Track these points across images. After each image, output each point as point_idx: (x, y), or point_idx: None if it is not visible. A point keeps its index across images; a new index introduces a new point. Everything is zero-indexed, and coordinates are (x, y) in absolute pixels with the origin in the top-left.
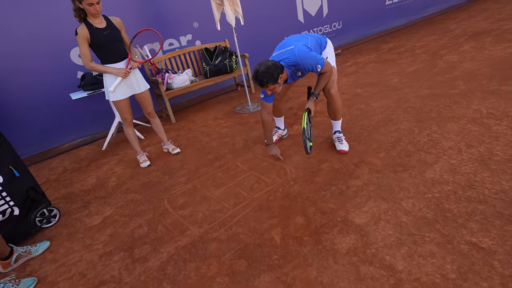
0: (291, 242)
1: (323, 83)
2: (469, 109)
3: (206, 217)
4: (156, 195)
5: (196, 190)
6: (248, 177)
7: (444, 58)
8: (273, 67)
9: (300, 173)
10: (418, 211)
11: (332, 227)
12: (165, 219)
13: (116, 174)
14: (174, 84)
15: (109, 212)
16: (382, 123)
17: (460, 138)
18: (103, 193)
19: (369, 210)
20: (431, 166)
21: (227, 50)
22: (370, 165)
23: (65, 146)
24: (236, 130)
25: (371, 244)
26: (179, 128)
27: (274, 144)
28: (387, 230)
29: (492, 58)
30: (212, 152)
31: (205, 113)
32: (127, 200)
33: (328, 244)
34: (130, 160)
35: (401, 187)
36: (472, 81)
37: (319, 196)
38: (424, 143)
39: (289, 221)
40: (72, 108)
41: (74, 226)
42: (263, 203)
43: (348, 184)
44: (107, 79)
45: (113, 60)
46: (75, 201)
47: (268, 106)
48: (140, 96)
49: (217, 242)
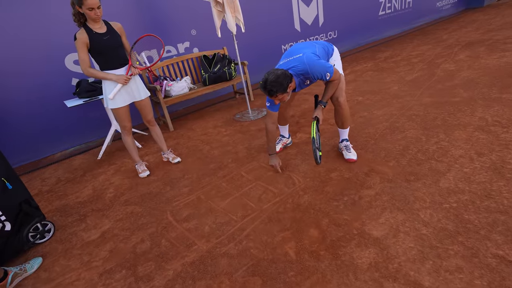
0: (307, 257)
1: (331, 91)
2: (474, 116)
3: (213, 230)
4: (158, 207)
5: (200, 201)
6: (254, 187)
7: (441, 66)
8: (282, 76)
9: (309, 182)
10: (438, 222)
11: (349, 240)
12: (169, 233)
13: (114, 184)
14: (173, 92)
15: (107, 225)
16: (388, 131)
17: (469, 146)
18: (100, 205)
19: (386, 221)
20: (444, 175)
21: (226, 58)
22: (381, 174)
23: (58, 155)
24: (238, 138)
25: (392, 259)
26: (178, 136)
27: (276, 155)
28: (408, 243)
29: (489, 67)
30: (214, 161)
31: (204, 121)
32: (126, 213)
33: (347, 259)
34: (127, 170)
35: (416, 197)
36: (472, 89)
37: (331, 207)
38: (433, 151)
39: (302, 234)
40: (65, 115)
41: (70, 241)
42: (272, 215)
43: (361, 194)
44: (106, 86)
45: (113, 66)
46: (70, 214)
47: (273, 115)
48: (140, 104)
49: (227, 257)
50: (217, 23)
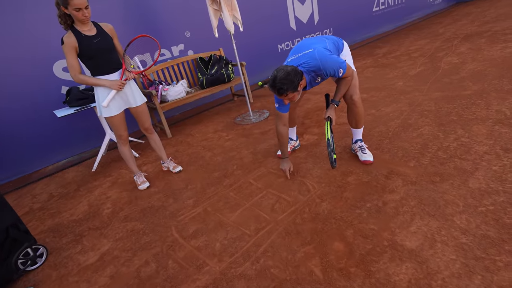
0: (336, 276)
1: (345, 88)
2: (490, 110)
3: (225, 247)
4: (161, 223)
5: (207, 214)
6: (265, 196)
7: (444, 60)
8: (293, 73)
9: (325, 188)
10: (477, 229)
11: (380, 253)
12: (176, 253)
13: (111, 199)
14: (169, 96)
15: (106, 246)
16: (401, 128)
17: (492, 141)
18: (98, 223)
19: (418, 230)
20: (472, 174)
21: (223, 59)
22: (402, 176)
23: (49, 169)
24: (241, 143)
25: (434, 274)
26: (177, 143)
27: (288, 159)
28: (449, 255)
29: (494, 58)
30: (219, 169)
31: (204, 126)
32: (127, 231)
33: (382, 276)
34: (125, 182)
35: (446, 201)
36: (481, 82)
37: (354, 215)
38: (454, 148)
39: (326, 249)
40: (55, 126)
41: (66, 266)
42: (290, 227)
43: (384, 200)
44: (99, 92)
45: (106, 71)
46: (64, 234)
47: (284, 116)
48: (137, 111)
49: (245, 279)
50: (213, 22)
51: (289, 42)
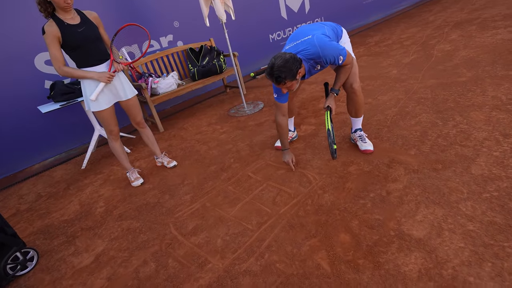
0: (344, 269)
1: (344, 76)
2: (486, 96)
3: (227, 243)
4: (158, 220)
5: (206, 209)
6: (266, 189)
7: (436, 47)
8: (291, 61)
9: (326, 179)
10: (483, 216)
11: (388, 244)
12: (175, 251)
13: (103, 197)
14: (160, 89)
15: (101, 247)
16: (399, 116)
17: (491, 127)
18: (91, 222)
19: (424, 218)
20: (474, 161)
21: (214, 50)
22: (404, 165)
23: (36, 167)
24: (237, 135)
25: (444, 263)
26: (170, 137)
27: (289, 150)
28: (457, 243)
29: (485, 45)
30: (215, 163)
31: (196, 119)
32: (122, 230)
33: (392, 267)
34: (117, 179)
35: (450, 188)
36: (475, 68)
37: (358, 205)
38: (454, 135)
39: (332, 241)
40: (40, 122)
41: (59, 269)
42: (293, 220)
43: (388, 189)
44: (86, 85)
45: (92, 62)
46: (56, 235)
47: (283, 107)
48: (127, 104)
49: (250, 276)
50: (204, 11)
51: (280, 31)
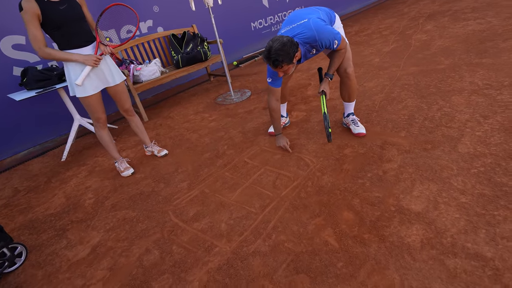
0: (351, 243)
1: (338, 61)
2: (464, 82)
3: (232, 227)
4: (156, 209)
5: (205, 196)
6: (264, 173)
7: (413, 37)
8: (289, 44)
9: (324, 162)
10: (473, 189)
11: (389, 218)
12: (178, 237)
13: (91, 188)
14: (142, 77)
15: (97, 238)
16: (386, 102)
17: (472, 110)
18: (81, 214)
19: (421, 194)
20: (460, 140)
21: (198, 36)
22: (396, 146)
23: (8, 162)
24: (227, 123)
25: (443, 232)
26: (156, 126)
27: (283, 135)
28: (452, 214)
29: (458, 35)
30: (208, 150)
31: (182, 108)
32: (118, 220)
33: (396, 240)
34: (104, 170)
35: (441, 166)
36: (452, 56)
37: (357, 185)
38: (439, 118)
39: (336, 219)
40: (9, 113)
41: (52, 263)
42: (295, 201)
43: (384, 169)
44: (70, 69)
45: (77, 44)
46: (43, 230)
47: (276, 91)
48: (115, 90)
49: (260, 256)
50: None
51: (262, 20)
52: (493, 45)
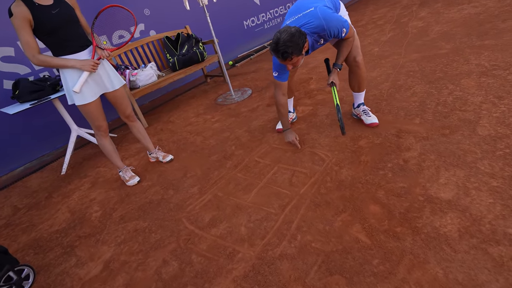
0: (384, 238)
1: (347, 50)
2: (471, 64)
3: (253, 230)
4: (168, 217)
5: (219, 199)
6: (278, 172)
7: (409, 25)
8: (297, 34)
9: (339, 155)
10: (502, 171)
11: (419, 209)
12: (197, 246)
13: (97, 201)
14: (139, 82)
15: (108, 253)
16: (393, 90)
17: (484, 92)
18: (88, 229)
19: (448, 181)
20: (478, 123)
21: (192, 37)
22: (413, 134)
23: (4, 179)
24: (232, 123)
25: (480, 219)
26: (157, 131)
27: (291, 130)
28: (486, 199)
29: (454, 19)
30: (216, 152)
31: (182, 111)
32: (129, 232)
33: (431, 231)
34: (108, 180)
35: (464, 150)
36: (452, 41)
37: (379, 176)
38: (452, 102)
39: (363, 213)
40: (3, 128)
41: (63, 283)
42: (316, 198)
43: (404, 157)
44: (67, 76)
45: (72, 49)
46: (49, 248)
47: (283, 85)
48: (115, 96)
49: (288, 259)
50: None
51: (254, 18)
52: (493, 27)
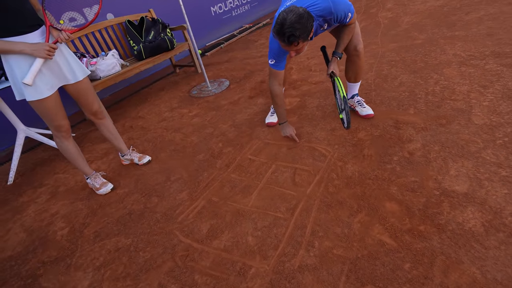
0: (410, 239)
1: (348, 37)
2: (448, 54)
3: (262, 239)
4: (156, 230)
5: (215, 205)
6: (277, 170)
7: (379, 15)
8: (307, 16)
9: (341, 150)
10: (507, 160)
11: (438, 204)
12: (198, 263)
13: (60, 215)
14: (100, 72)
15: (86, 280)
16: (380, 80)
17: (468, 81)
18: (55, 251)
19: (459, 172)
20: (471, 112)
21: (159, 22)
22: (411, 124)
23: None
24: (213, 117)
25: (500, 212)
26: (126, 129)
27: (288, 123)
28: (501, 190)
29: (421, 11)
30: (201, 150)
31: (152, 105)
32: (109, 251)
33: (456, 227)
34: (72, 189)
35: (465, 140)
36: (425, 31)
37: (388, 171)
38: (440, 91)
39: (381, 212)
40: None
41: None
42: (326, 198)
43: (408, 150)
44: (13, 64)
45: (18, 29)
46: (3, 281)
47: (279, 75)
48: (78, 89)
49: (309, 271)
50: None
51: (222, 4)
52: (459, 19)
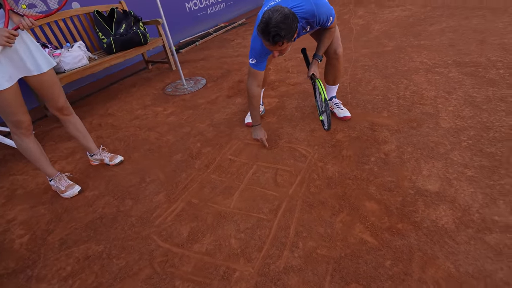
0: (389, 237)
1: (329, 41)
2: (415, 62)
3: (245, 242)
4: (131, 235)
5: (195, 207)
6: (258, 171)
7: (352, 22)
8: (292, 17)
9: (320, 150)
10: (472, 161)
11: (413, 203)
12: (178, 268)
13: (18, 221)
14: (65, 64)
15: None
16: (355, 83)
17: (434, 87)
18: (13, 262)
19: (430, 173)
20: (438, 116)
21: (131, 15)
22: (385, 127)
23: None
24: (190, 116)
25: (468, 209)
26: (94, 127)
27: (261, 126)
28: (467, 189)
29: (389, 20)
30: (178, 150)
31: (122, 102)
32: (77, 260)
33: (430, 224)
34: (32, 192)
35: (434, 142)
36: (394, 39)
37: (366, 171)
38: (410, 96)
39: (361, 212)
40: None
41: None
42: (308, 198)
43: (384, 151)
44: None
45: None
46: None
47: (259, 75)
48: (42, 81)
49: (294, 272)
50: None
51: (197, 0)
52: (423, 29)
